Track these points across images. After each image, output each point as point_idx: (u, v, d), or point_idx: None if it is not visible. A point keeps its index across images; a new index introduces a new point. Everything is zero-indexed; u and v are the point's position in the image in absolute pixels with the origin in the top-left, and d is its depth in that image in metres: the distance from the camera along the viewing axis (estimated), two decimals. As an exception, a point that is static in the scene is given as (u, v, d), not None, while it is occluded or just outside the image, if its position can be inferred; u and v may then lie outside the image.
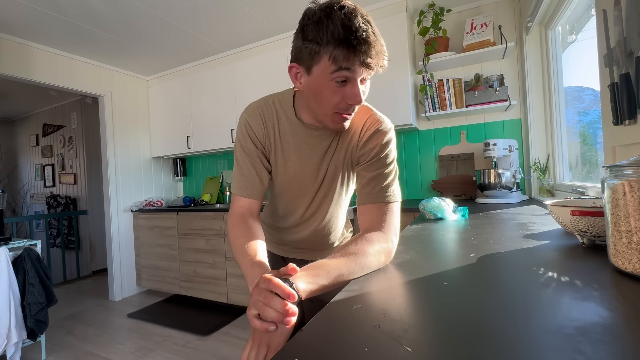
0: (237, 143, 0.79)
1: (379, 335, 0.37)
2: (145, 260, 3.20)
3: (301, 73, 0.66)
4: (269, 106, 0.78)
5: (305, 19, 0.61)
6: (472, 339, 0.35)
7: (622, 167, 0.49)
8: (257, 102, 0.80)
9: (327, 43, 0.58)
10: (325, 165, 0.81)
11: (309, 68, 0.63)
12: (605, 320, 0.36)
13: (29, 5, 2.10)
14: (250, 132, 0.77)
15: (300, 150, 0.79)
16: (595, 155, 1.59)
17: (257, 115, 0.78)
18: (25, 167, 5.09)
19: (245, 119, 0.78)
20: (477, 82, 2.21)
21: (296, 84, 0.69)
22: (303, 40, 0.61)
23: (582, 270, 0.54)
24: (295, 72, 0.67)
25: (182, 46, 2.83)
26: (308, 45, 0.60)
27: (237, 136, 0.79)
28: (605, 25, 0.87)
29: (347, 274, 0.57)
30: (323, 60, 0.60)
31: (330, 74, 0.60)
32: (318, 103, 0.66)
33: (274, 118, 0.78)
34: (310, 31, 0.59)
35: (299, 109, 0.76)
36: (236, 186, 0.78)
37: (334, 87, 0.62)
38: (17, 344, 1.92)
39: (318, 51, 0.59)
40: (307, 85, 0.66)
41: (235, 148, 0.80)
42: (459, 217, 1.24)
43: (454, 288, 0.50)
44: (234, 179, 0.79)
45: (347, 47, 0.57)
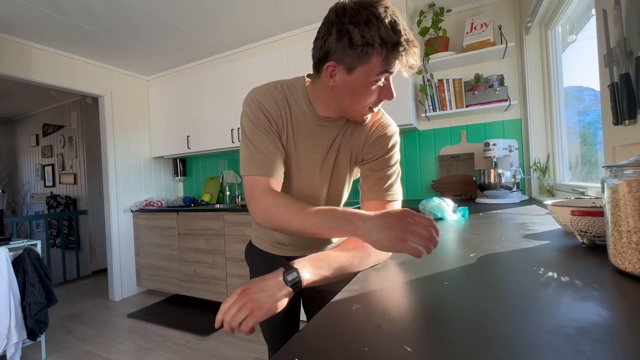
0: (248, 123, 0.72)
1: (379, 335, 0.37)
2: (145, 260, 3.20)
3: (338, 72, 0.64)
4: (278, 90, 0.75)
5: (343, 17, 0.59)
6: (472, 338, 0.35)
7: (622, 167, 0.49)
8: (264, 86, 0.75)
9: (380, 46, 0.58)
10: (331, 158, 0.81)
11: (352, 69, 0.62)
12: (605, 320, 0.36)
13: (29, 5, 2.11)
14: (264, 111, 0.72)
15: (308, 139, 0.77)
16: (595, 155, 1.59)
17: (269, 97, 0.73)
18: (25, 167, 5.09)
19: (256, 99, 0.72)
20: (477, 82, 2.21)
21: (329, 82, 0.66)
22: (350, 40, 0.59)
23: (582, 270, 0.54)
24: (331, 71, 0.64)
25: (182, 46, 2.83)
26: (357, 45, 0.58)
27: (247, 116, 0.72)
28: (605, 25, 0.87)
29: (348, 267, 0.60)
30: (372, 62, 0.60)
31: (376, 75, 0.61)
32: (353, 101, 0.67)
33: (285, 102, 0.74)
34: (358, 32, 0.58)
35: (315, 100, 0.74)
36: (253, 166, 0.69)
37: (373, 87, 0.64)
38: (17, 344, 1.92)
39: (368, 53, 0.59)
40: (344, 84, 0.65)
41: (245, 129, 0.72)
42: (459, 217, 1.24)
43: (454, 288, 0.50)
44: (247, 160, 0.70)
45: (399, 51, 0.59)
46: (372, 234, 0.54)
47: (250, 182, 0.69)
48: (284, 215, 0.62)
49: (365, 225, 0.54)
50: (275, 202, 0.64)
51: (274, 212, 0.63)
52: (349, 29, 0.58)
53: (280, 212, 0.63)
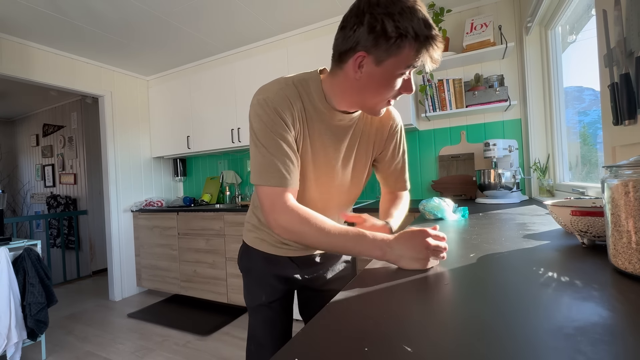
0: (263, 128, 0.67)
1: (379, 335, 0.37)
2: (145, 260, 3.20)
3: (367, 63, 0.62)
4: (290, 88, 0.71)
5: (377, 7, 0.58)
6: (473, 338, 0.35)
7: (622, 167, 0.49)
8: (276, 84, 0.72)
9: (413, 38, 0.58)
10: (349, 153, 0.82)
11: (381, 60, 0.61)
12: (605, 320, 0.36)
13: (29, 5, 2.11)
14: (280, 113, 0.68)
15: (325, 136, 0.76)
16: (595, 155, 1.59)
17: (283, 96, 0.70)
18: (26, 167, 5.09)
19: (270, 100, 0.68)
20: (477, 82, 2.21)
21: (355, 74, 0.65)
22: (382, 31, 0.58)
23: (582, 270, 0.54)
24: (360, 61, 0.63)
25: (182, 46, 2.84)
26: (389, 37, 0.58)
27: (261, 120, 0.68)
28: (605, 25, 0.87)
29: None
30: (403, 55, 0.59)
31: (404, 68, 0.61)
32: (377, 93, 0.66)
33: (299, 100, 0.72)
34: (392, 23, 0.57)
35: (331, 95, 0.72)
36: (270, 177, 0.66)
37: (397, 80, 0.64)
38: (17, 344, 1.92)
39: (400, 45, 0.58)
40: (370, 76, 0.64)
41: (258, 134, 0.68)
42: (459, 217, 1.24)
43: (454, 288, 0.50)
44: (262, 169, 0.67)
45: (429, 45, 0.59)
46: (400, 259, 0.60)
47: (270, 193, 0.67)
48: (312, 234, 0.64)
49: (393, 251, 0.61)
50: (301, 220, 0.65)
51: (301, 229, 0.65)
52: (383, 20, 0.57)
53: (307, 231, 0.64)
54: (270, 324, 0.93)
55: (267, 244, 0.91)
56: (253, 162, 0.70)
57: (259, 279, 0.92)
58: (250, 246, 0.93)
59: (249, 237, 0.94)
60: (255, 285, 0.93)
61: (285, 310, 0.95)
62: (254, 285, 0.93)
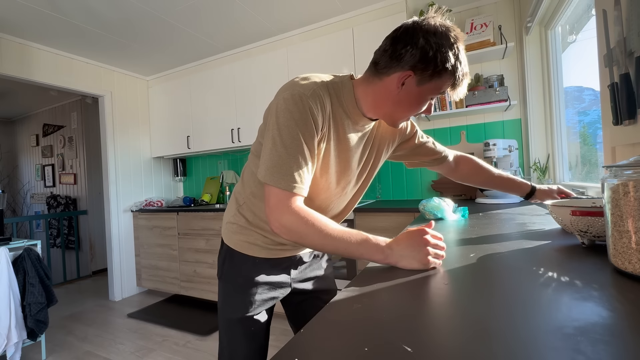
0: (292, 125, 0.65)
1: (379, 335, 0.37)
2: (145, 260, 3.20)
3: (409, 82, 0.68)
4: (324, 88, 0.71)
5: (434, 36, 0.64)
6: (473, 338, 0.35)
7: (622, 167, 0.49)
8: (312, 83, 0.70)
9: (452, 72, 0.66)
10: (367, 157, 0.84)
11: (423, 83, 0.67)
12: (605, 320, 0.36)
13: (29, 5, 2.11)
14: (313, 115, 0.66)
15: (348, 140, 0.77)
16: (595, 155, 1.59)
17: (318, 96, 0.68)
18: (26, 167, 5.09)
19: (306, 98, 0.66)
20: (477, 82, 2.21)
21: (395, 88, 0.69)
22: (435, 61, 0.64)
23: (582, 270, 0.54)
24: (404, 79, 0.67)
25: (182, 46, 2.84)
26: (437, 66, 0.65)
27: (292, 116, 0.65)
28: (605, 25, 0.87)
29: None
30: (440, 82, 0.67)
31: (437, 93, 0.69)
32: (407, 110, 0.72)
33: (329, 102, 0.71)
34: (442, 54, 0.64)
35: (363, 101, 0.74)
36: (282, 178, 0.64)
37: (427, 102, 0.72)
38: (17, 344, 1.92)
39: (442, 75, 0.66)
40: (409, 93, 0.69)
41: (283, 130, 0.65)
42: (459, 217, 1.24)
43: (454, 288, 0.50)
44: (276, 169, 0.64)
45: (461, 84, 0.69)
46: (401, 260, 0.62)
47: (277, 195, 0.65)
48: (315, 236, 0.64)
49: (394, 253, 0.62)
50: (305, 221, 0.64)
51: (303, 230, 0.64)
52: (437, 50, 0.64)
53: (311, 232, 0.64)
54: (253, 338, 0.86)
55: (258, 248, 0.84)
56: (267, 158, 0.66)
57: (244, 287, 0.84)
58: (235, 250, 0.86)
59: (233, 240, 0.86)
60: (238, 294, 0.85)
61: (267, 323, 0.90)
62: (237, 295, 0.85)
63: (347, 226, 0.69)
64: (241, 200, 0.85)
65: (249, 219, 0.84)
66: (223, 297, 0.88)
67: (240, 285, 0.85)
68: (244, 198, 0.84)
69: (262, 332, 0.88)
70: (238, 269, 0.86)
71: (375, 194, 2.65)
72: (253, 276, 0.84)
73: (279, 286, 0.89)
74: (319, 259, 1.00)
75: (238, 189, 0.88)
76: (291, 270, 0.90)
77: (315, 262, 0.98)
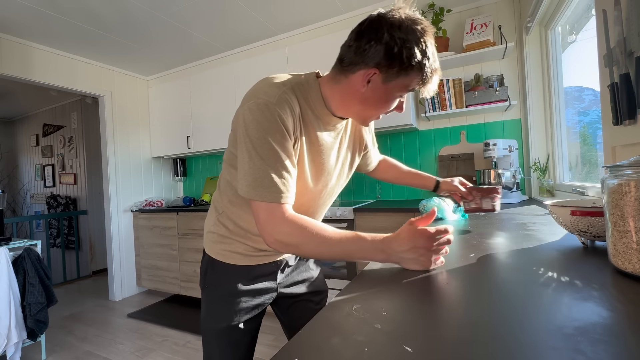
0: (263, 135, 0.62)
1: (379, 335, 0.37)
2: (145, 260, 3.20)
3: (375, 80, 0.65)
4: (290, 92, 0.68)
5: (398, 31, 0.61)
6: (472, 339, 0.35)
7: (622, 167, 0.49)
8: (276, 88, 0.66)
9: (420, 68, 0.63)
10: (342, 158, 0.83)
11: (389, 80, 0.64)
12: (605, 320, 0.36)
13: (29, 5, 2.11)
14: (284, 122, 0.64)
15: (321, 142, 0.75)
16: (595, 155, 1.59)
17: (285, 101, 0.65)
18: (25, 167, 5.09)
19: (272, 106, 0.63)
20: (477, 82, 2.21)
21: (361, 87, 0.66)
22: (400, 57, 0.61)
23: (582, 270, 0.54)
24: (369, 76, 0.64)
25: (182, 46, 2.84)
26: (403, 63, 0.62)
27: (261, 126, 0.62)
28: (605, 25, 0.87)
29: None
30: (408, 79, 0.64)
31: (405, 91, 0.67)
32: (375, 107, 0.69)
33: (297, 106, 0.69)
34: (408, 50, 0.61)
35: (331, 100, 0.72)
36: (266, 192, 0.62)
37: (396, 99, 0.69)
38: (17, 344, 1.92)
39: (409, 72, 0.63)
40: (374, 91, 0.66)
41: (255, 141, 0.62)
42: (459, 217, 1.24)
43: (454, 288, 0.50)
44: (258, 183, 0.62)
45: (430, 81, 0.65)
46: (404, 262, 0.60)
47: (266, 209, 0.62)
48: (312, 245, 0.62)
49: (395, 252, 0.60)
50: (300, 231, 0.61)
51: (297, 240, 0.62)
52: (402, 45, 0.61)
53: (306, 241, 0.62)
54: (239, 347, 0.83)
55: (239, 256, 0.82)
56: (246, 172, 0.63)
57: (228, 296, 0.82)
58: (216, 260, 0.84)
59: (214, 250, 0.84)
60: (222, 304, 0.82)
61: (254, 332, 0.88)
62: (221, 305, 0.83)
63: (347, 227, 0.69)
64: (220, 209, 0.83)
65: (229, 227, 0.82)
66: (206, 307, 0.85)
67: (224, 295, 0.83)
68: (223, 207, 0.82)
69: (248, 340, 0.85)
70: (221, 279, 0.83)
71: (375, 194, 2.65)
72: (236, 285, 0.82)
73: (264, 292, 0.86)
74: (305, 261, 0.97)
75: (216, 198, 0.85)
76: (276, 275, 0.88)
77: (301, 265, 0.96)
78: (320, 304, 0.99)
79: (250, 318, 0.85)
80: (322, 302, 1.00)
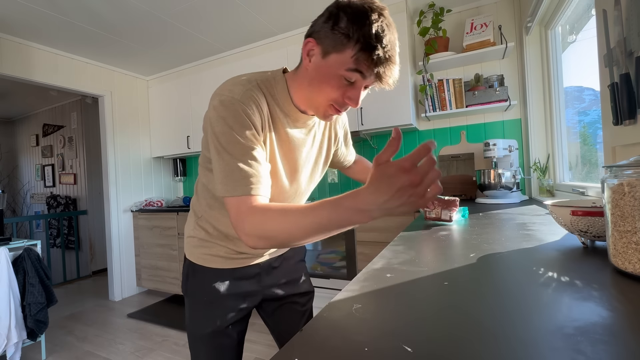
0: (227, 131, 0.60)
1: (379, 335, 0.37)
2: (145, 260, 3.20)
3: (316, 53, 0.62)
4: (256, 89, 0.66)
5: (343, 5, 0.59)
6: (472, 338, 0.35)
7: (622, 167, 0.49)
8: (241, 85, 0.65)
9: (356, 41, 0.57)
10: (314, 157, 0.81)
11: (328, 53, 0.60)
12: (605, 320, 0.36)
13: (29, 5, 2.11)
14: (249, 116, 0.62)
15: (291, 141, 0.73)
16: (595, 155, 1.59)
17: (251, 99, 0.64)
18: (25, 167, 5.09)
19: (236, 101, 0.62)
20: (477, 82, 2.21)
21: (305, 60, 0.64)
22: (334, 24, 0.58)
23: (582, 270, 0.54)
24: (310, 49, 0.62)
25: (182, 46, 2.83)
26: (337, 32, 0.58)
27: (226, 122, 0.61)
28: (605, 25, 0.87)
29: None
30: (346, 54, 0.58)
31: (345, 70, 0.59)
32: (319, 89, 0.64)
33: (264, 102, 0.67)
34: (345, 21, 0.57)
35: (293, 93, 0.70)
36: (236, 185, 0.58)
37: (341, 82, 0.61)
38: (17, 344, 1.92)
39: (343, 43, 0.58)
40: (317, 67, 0.62)
41: (221, 138, 0.60)
42: (459, 217, 1.24)
43: (454, 288, 0.50)
44: (227, 178, 0.59)
45: (372, 56, 0.57)
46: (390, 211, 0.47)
47: (235, 204, 0.58)
48: (282, 228, 0.54)
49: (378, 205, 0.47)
50: (266, 218, 0.55)
51: (269, 228, 0.55)
52: (339, 15, 0.58)
53: (276, 227, 0.54)
54: (224, 352, 0.82)
55: (220, 259, 0.81)
56: (216, 171, 0.61)
57: (210, 301, 0.81)
58: (197, 264, 0.82)
59: (195, 254, 0.83)
60: (206, 310, 0.81)
61: (240, 336, 0.86)
62: (204, 310, 0.82)
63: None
64: (199, 213, 0.82)
65: (209, 231, 0.81)
66: (189, 313, 0.84)
67: (206, 300, 0.81)
68: (201, 211, 0.81)
69: (233, 344, 0.84)
70: (202, 284, 0.82)
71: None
72: (218, 289, 0.81)
73: (248, 296, 0.85)
74: (288, 261, 0.94)
75: (194, 202, 0.84)
76: (260, 277, 0.86)
77: (285, 265, 0.93)
78: (306, 306, 0.96)
79: (235, 322, 0.83)
80: (308, 304, 0.97)
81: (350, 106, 0.65)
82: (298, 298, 0.95)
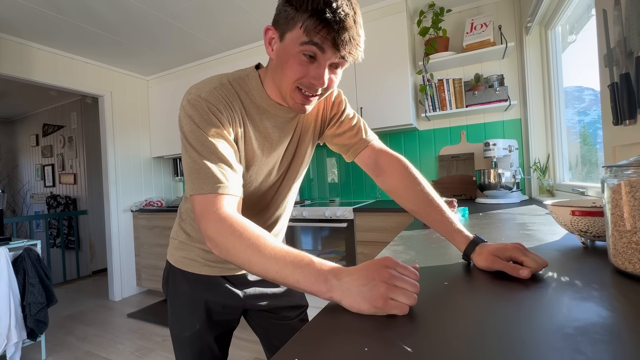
0: (195, 129, 0.59)
1: (379, 335, 0.37)
2: (145, 260, 3.20)
3: (276, 39, 0.61)
4: (226, 87, 0.65)
5: None
6: (473, 338, 0.35)
7: (622, 167, 0.49)
8: (210, 83, 0.64)
9: (304, 11, 0.54)
10: (296, 149, 0.78)
11: (283, 34, 0.59)
12: (605, 320, 0.36)
13: (29, 5, 2.10)
14: (216, 113, 0.61)
15: (270, 136, 0.72)
16: (595, 155, 1.59)
17: (219, 98, 0.63)
18: (25, 167, 5.09)
19: (203, 99, 0.61)
20: (477, 82, 2.21)
21: (268, 50, 0.63)
22: (284, 3, 0.57)
23: (582, 270, 0.54)
24: (270, 37, 0.62)
25: (182, 46, 2.83)
26: (287, 8, 0.57)
27: (192, 120, 0.60)
28: (605, 25, 0.87)
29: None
30: (296, 27, 0.56)
31: (300, 45, 0.57)
32: (283, 74, 0.61)
33: (237, 100, 0.66)
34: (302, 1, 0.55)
35: (267, 88, 0.69)
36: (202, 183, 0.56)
37: (301, 59, 0.58)
38: (17, 344, 1.92)
39: (293, 17, 0.56)
40: (277, 53, 0.61)
41: (189, 136, 0.59)
42: (459, 217, 1.24)
43: (454, 288, 0.50)
44: (194, 176, 0.57)
45: (321, 21, 0.54)
46: (345, 297, 0.43)
47: (200, 201, 0.55)
48: (242, 250, 0.50)
49: (341, 284, 0.44)
50: (232, 231, 0.51)
51: (229, 243, 0.51)
52: None
53: (238, 246, 0.50)
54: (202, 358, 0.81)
55: (198, 264, 0.79)
56: (185, 169, 0.60)
57: (189, 304, 0.80)
58: (175, 267, 0.82)
59: (174, 257, 0.82)
60: (184, 312, 0.81)
61: (221, 344, 0.84)
62: (183, 312, 0.81)
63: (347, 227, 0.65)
64: (183, 215, 0.81)
65: (190, 233, 0.79)
66: (170, 315, 0.84)
67: (184, 304, 0.81)
68: (185, 213, 0.80)
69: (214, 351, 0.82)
70: (180, 287, 0.81)
71: (375, 194, 2.65)
72: (196, 295, 0.80)
73: (228, 306, 0.82)
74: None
75: (181, 204, 0.83)
76: (240, 288, 0.83)
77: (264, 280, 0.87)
78: (295, 320, 0.91)
79: (215, 330, 0.81)
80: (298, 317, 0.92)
81: (318, 87, 0.61)
82: (287, 312, 0.89)
